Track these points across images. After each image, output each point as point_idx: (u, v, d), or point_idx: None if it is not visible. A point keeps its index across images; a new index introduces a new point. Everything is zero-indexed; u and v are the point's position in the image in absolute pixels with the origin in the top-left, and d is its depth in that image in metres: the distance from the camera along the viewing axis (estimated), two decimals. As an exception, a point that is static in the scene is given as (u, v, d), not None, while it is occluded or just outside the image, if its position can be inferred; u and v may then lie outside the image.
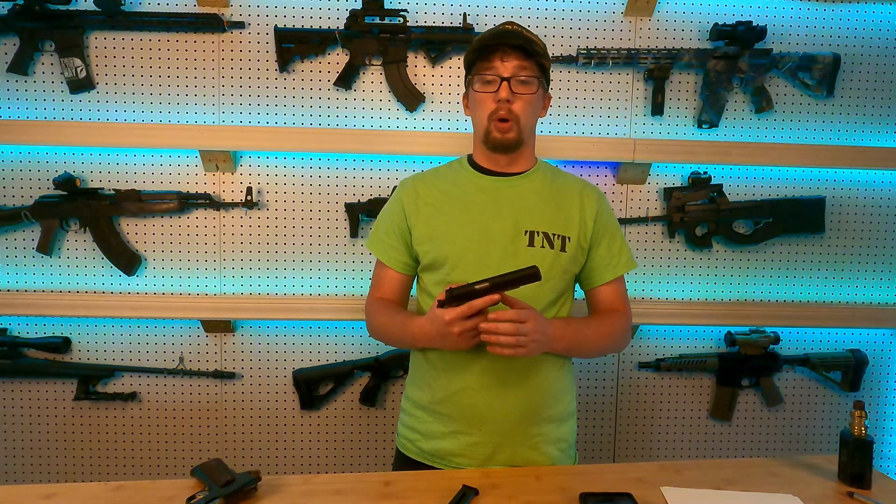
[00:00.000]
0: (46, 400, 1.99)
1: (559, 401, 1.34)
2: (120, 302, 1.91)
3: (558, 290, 1.30)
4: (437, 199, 1.33)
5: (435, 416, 1.31)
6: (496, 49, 1.24)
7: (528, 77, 1.25)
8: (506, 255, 1.26)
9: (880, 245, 2.11)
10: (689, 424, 2.14)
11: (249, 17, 1.92)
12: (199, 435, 2.03)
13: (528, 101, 1.26)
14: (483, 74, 1.25)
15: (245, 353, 2.01)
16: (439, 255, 1.29)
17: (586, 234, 1.32)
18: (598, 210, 1.34)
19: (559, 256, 1.28)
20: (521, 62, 1.24)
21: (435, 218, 1.31)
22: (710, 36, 1.99)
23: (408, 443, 1.36)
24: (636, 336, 2.08)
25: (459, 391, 1.28)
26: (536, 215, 1.29)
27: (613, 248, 1.35)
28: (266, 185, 1.97)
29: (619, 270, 1.36)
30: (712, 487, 1.17)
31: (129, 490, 1.14)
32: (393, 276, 1.38)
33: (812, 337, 2.13)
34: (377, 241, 1.39)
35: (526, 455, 1.29)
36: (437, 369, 1.31)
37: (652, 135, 2.02)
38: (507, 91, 1.23)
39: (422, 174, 1.41)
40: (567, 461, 1.36)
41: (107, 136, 1.84)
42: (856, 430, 1.19)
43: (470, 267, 1.26)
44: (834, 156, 1.97)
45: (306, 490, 1.15)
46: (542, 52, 1.27)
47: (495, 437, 1.28)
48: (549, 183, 1.35)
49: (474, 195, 1.31)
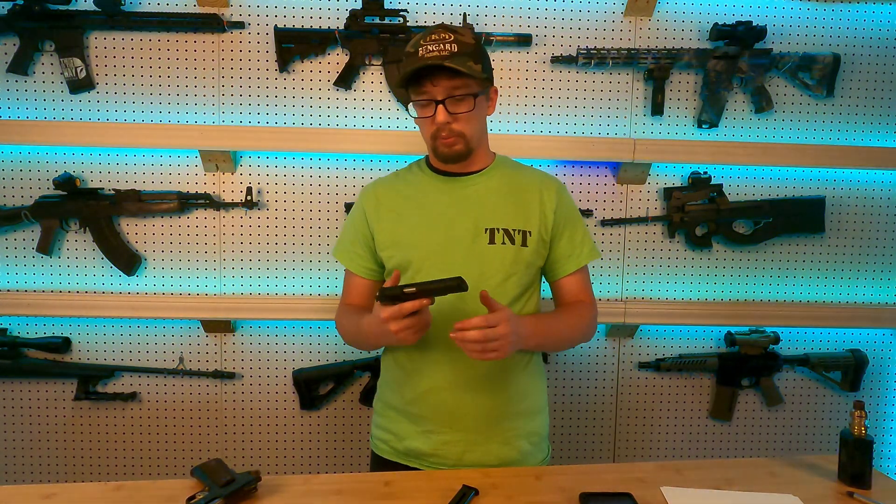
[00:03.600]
0: (46, 400, 1.99)
1: (529, 395, 1.34)
2: (120, 302, 1.91)
3: (523, 284, 1.31)
4: (399, 204, 1.34)
5: (407, 416, 1.32)
6: (424, 73, 1.20)
7: (463, 95, 1.22)
8: (468, 256, 1.27)
9: (880, 245, 2.11)
10: (689, 424, 2.14)
11: (249, 17, 1.92)
12: (199, 435, 2.03)
13: (468, 117, 1.24)
14: (417, 100, 1.24)
15: (245, 353, 2.01)
16: (403, 260, 1.30)
17: (547, 227, 1.32)
18: (559, 202, 1.34)
19: (521, 251, 1.29)
20: (451, 81, 1.20)
21: (397, 223, 1.32)
22: (710, 36, 1.99)
23: (381, 443, 1.37)
24: (636, 336, 2.08)
25: (430, 391, 1.29)
26: (497, 212, 1.30)
27: (575, 240, 1.35)
28: (266, 185, 1.97)
29: (582, 261, 1.36)
30: (712, 487, 1.17)
31: (129, 490, 1.14)
32: (360, 283, 1.39)
33: (812, 337, 2.13)
34: (343, 250, 1.40)
35: (498, 451, 1.30)
36: (406, 370, 1.32)
37: (652, 135, 2.02)
38: (443, 114, 1.21)
39: (383, 179, 1.41)
40: (539, 454, 1.37)
41: (107, 136, 1.84)
42: (856, 430, 1.19)
43: (434, 269, 1.27)
44: (834, 156, 1.97)
45: (306, 490, 1.15)
46: (473, 55, 1.21)
47: (467, 434, 1.28)
48: (508, 178, 1.34)
49: (434, 197, 1.32)
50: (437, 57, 1.18)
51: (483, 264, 1.27)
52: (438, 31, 1.21)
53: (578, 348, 2.08)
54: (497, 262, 1.27)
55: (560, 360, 2.08)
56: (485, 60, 1.26)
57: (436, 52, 1.19)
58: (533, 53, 1.98)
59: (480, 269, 1.26)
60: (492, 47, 1.96)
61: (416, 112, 1.27)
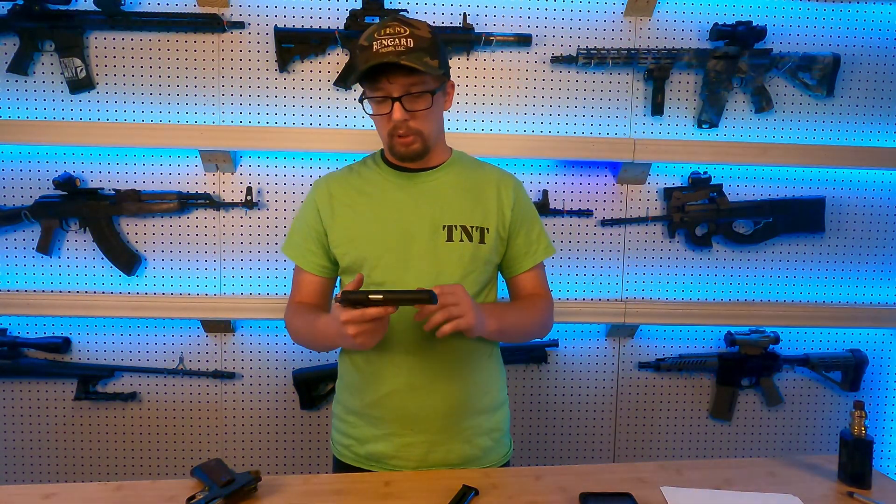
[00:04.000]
0: (46, 400, 1.99)
1: (488, 391, 1.34)
2: (120, 302, 1.91)
3: (481, 281, 1.30)
4: (354, 200, 1.31)
5: (367, 419, 1.31)
6: (380, 69, 1.16)
7: (421, 92, 1.19)
8: (425, 253, 1.26)
9: (880, 245, 2.11)
10: (689, 424, 2.14)
11: (249, 17, 1.92)
12: (199, 435, 2.03)
13: (425, 114, 1.22)
14: (373, 97, 1.20)
15: (245, 353, 2.01)
16: (358, 257, 1.28)
17: (505, 224, 1.31)
18: (516, 199, 1.33)
19: (479, 248, 1.28)
20: (409, 78, 1.17)
21: (352, 219, 1.30)
22: (710, 36, 1.99)
23: (343, 448, 1.35)
24: (636, 336, 2.08)
25: (389, 393, 1.28)
26: (454, 209, 1.28)
27: (532, 237, 1.35)
28: (266, 185, 1.97)
29: (538, 258, 1.36)
30: (712, 487, 1.17)
31: (128, 490, 1.14)
32: (312, 280, 1.35)
33: (812, 337, 2.13)
34: (293, 245, 1.36)
35: (460, 450, 1.29)
36: (364, 373, 1.30)
37: (652, 135, 2.02)
38: (400, 112, 1.18)
39: (335, 174, 1.38)
40: (501, 449, 1.36)
41: (107, 136, 1.84)
42: (856, 430, 1.19)
43: (390, 266, 1.26)
44: (834, 156, 1.97)
45: (306, 490, 1.15)
46: (430, 51, 1.17)
47: (428, 435, 1.28)
48: (466, 175, 1.33)
49: (390, 193, 1.30)
50: (393, 53, 1.14)
51: (440, 262, 1.25)
52: (393, 25, 1.17)
53: (578, 348, 2.08)
54: (455, 260, 1.26)
55: (560, 360, 2.08)
56: (442, 55, 1.22)
57: (391, 48, 1.14)
58: (533, 53, 1.98)
59: (438, 267, 1.25)
60: (492, 47, 1.96)
61: (372, 108, 1.23)
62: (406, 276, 1.25)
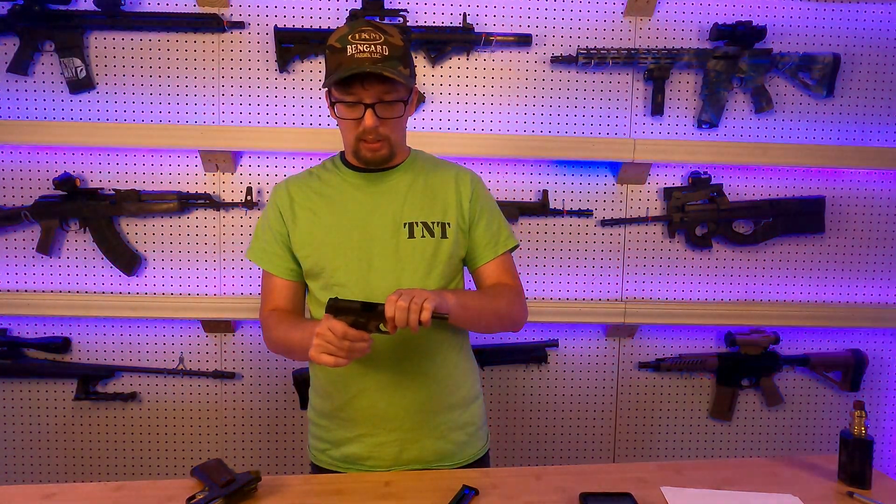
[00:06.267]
0: (46, 400, 1.99)
1: (460, 386, 1.34)
2: (120, 302, 1.91)
3: (446, 276, 1.30)
4: (314, 203, 1.31)
5: (339, 422, 1.31)
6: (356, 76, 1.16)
7: (394, 100, 1.20)
8: (387, 251, 1.26)
9: (880, 245, 2.11)
10: (689, 424, 2.14)
11: (249, 17, 1.92)
12: (199, 435, 2.03)
13: (395, 121, 1.23)
14: (344, 100, 1.19)
15: (245, 353, 2.01)
16: (320, 259, 1.28)
17: (464, 217, 1.31)
18: (474, 191, 1.33)
19: (441, 243, 1.28)
20: (383, 86, 1.17)
21: (313, 222, 1.29)
22: (710, 36, 1.99)
23: (319, 453, 1.36)
24: (636, 336, 2.08)
25: (359, 394, 1.28)
26: (415, 206, 1.29)
27: (492, 228, 1.35)
28: (266, 185, 1.97)
29: (500, 249, 1.35)
30: (712, 487, 1.17)
31: (129, 490, 1.14)
32: (282, 285, 1.34)
33: (812, 337, 2.12)
34: (259, 251, 1.34)
35: (434, 447, 1.29)
36: (334, 375, 1.30)
37: (652, 135, 2.02)
38: (372, 118, 1.18)
39: (295, 178, 1.37)
40: (477, 443, 1.36)
41: (107, 136, 1.84)
42: (856, 430, 1.19)
43: (353, 267, 1.26)
44: (834, 156, 1.97)
45: (306, 490, 1.15)
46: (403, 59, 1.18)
47: (400, 433, 1.28)
48: (425, 172, 1.33)
49: (350, 194, 1.30)
50: (370, 61, 1.15)
51: (403, 259, 1.25)
52: (368, 30, 1.17)
53: (578, 348, 2.08)
54: (418, 257, 1.26)
55: (560, 360, 2.09)
56: (411, 63, 1.24)
57: (367, 54, 1.15)
58: (533, 53, 1.98)
59: (401, 265, 1.25)
60: (492, 47, 1.96)
61: (341, 112, 1.22)
62: (369, 275, 1.25)
